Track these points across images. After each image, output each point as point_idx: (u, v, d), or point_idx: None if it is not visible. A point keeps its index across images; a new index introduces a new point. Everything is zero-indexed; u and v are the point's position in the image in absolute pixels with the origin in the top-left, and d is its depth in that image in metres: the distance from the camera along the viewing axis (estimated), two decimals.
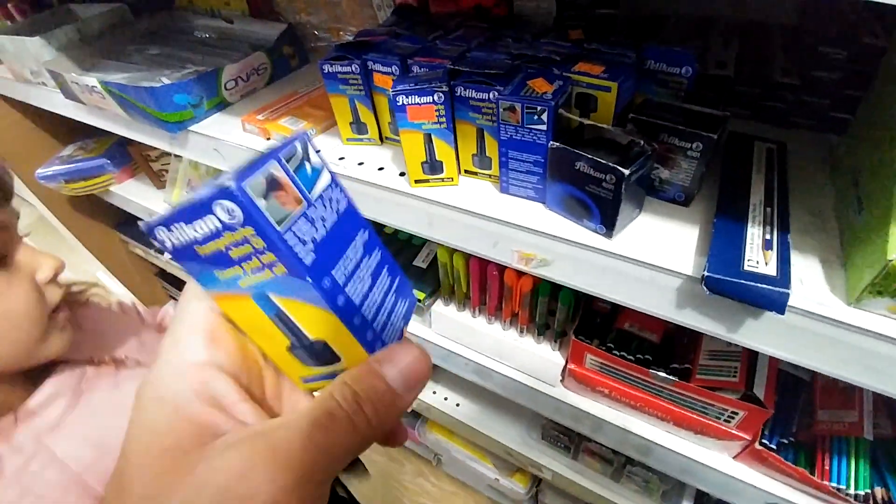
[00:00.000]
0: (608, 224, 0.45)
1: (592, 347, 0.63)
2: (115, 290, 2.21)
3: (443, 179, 0.55)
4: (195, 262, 0.19)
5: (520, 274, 0.67)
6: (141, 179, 1.27)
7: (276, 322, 0.20)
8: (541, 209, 0.51)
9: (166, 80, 0.74)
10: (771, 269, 0.40)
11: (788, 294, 0.38)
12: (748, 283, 0.39)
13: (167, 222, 0.18)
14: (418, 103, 0.48)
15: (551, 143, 0.45)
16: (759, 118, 0.60)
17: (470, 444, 1.24)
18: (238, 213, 0.17)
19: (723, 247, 0.42)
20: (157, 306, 0.87)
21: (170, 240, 0.19)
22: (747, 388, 0.57)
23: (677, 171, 0.48)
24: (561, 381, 0.73)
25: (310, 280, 0.18)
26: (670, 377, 0.60)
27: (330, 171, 0.21)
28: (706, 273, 0.40)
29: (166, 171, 1.19)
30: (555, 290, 0.65)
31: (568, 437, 0.91)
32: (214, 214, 0.17)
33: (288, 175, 0.18)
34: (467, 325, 0.77)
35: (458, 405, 1.09)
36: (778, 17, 0.62)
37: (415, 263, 0.82)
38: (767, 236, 0.42)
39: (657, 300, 0.46)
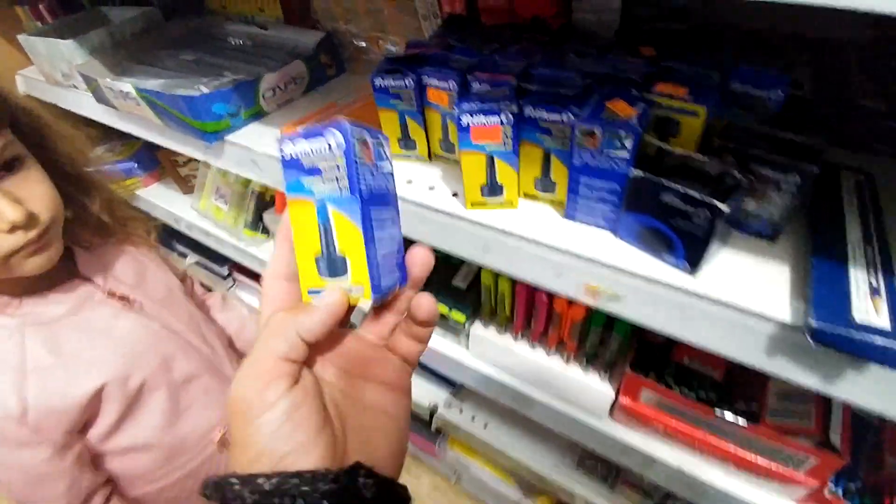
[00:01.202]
0: (693, 260, 0.42)
1: (650, 382, 0.60)
2: None
3: (501, 203, 0.51)
4: (295, 168, 0.26)
5: (571, 301, 0.63)
6: (167, 184, 1.26)
7: (321, 230, 0.27)
8: (611, 239, 0.47)
9: (204, 89, 0.71)
10: (884, 321, 0.36)
11: None
12: (862, 336, 0.35)
13: (293, 137, 0.26)
14: (484, 124, 0.45)
15: (633, 171, 0.41)
16: (837, 143, 0.56)
17: (492, 463, 1.20)
18: (342, 142, 0.25)
19: (826, 292, 0.38)
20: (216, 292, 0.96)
21: (289, 150, 0.26)
22: (823, 435, 0.53)
23: (767, 205, 0.44)
24: (609, 413, 0.69)
25: (358, 198, 0.26)
26: (739, 420, 0.56)
27: (391, 165, 0.30)
28: (814, 323, 0.36)
29: (193, 176, 1.17)
30: (609, 319, 0.61)
31: (606, 467, 0.87)
32: (325, 138, 0.25)
33: (372, 144, 0.27)
34: (508, 350, 0.73)
35: (486, 426, 1.05)
36: (855, 35, 0.58)
37: (454, 283, 0.79)
38: (873, 281, 0.38)
39: (744, 347, 0.42)
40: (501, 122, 0.45)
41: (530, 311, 0.68)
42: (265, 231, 1.02)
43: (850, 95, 0.54)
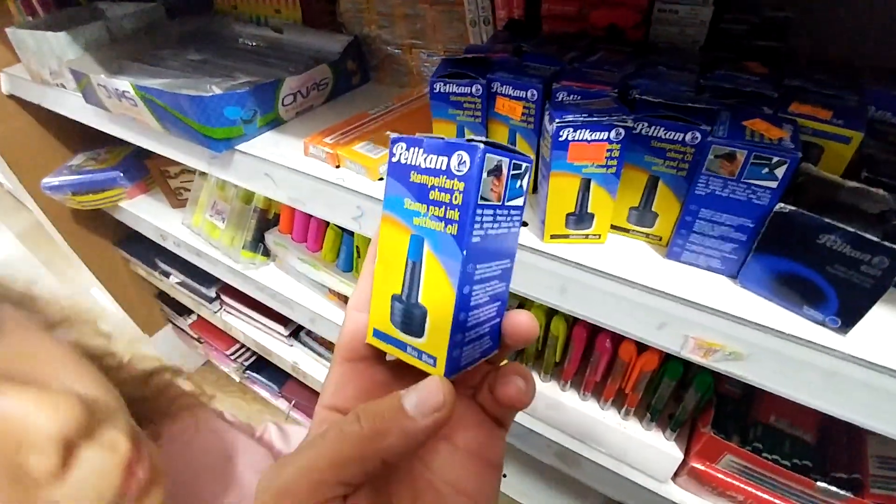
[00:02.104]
0: (848, 318, 0.34)
1: (735, 447, 0.51)
2: (108, 309, 2.04)
3: (587, 236, 0.43)
4: (400, 182, 0.21)
5: (641, 348, 0.55)
6: (155, 196, 1.14)
7: (408, 267, 0.22)
8: (729, 285, 0.39)
9: (216, 90, 0.62)
10: None
11: None
12: None
13: (411, 142, 0.21)
14: (587, 140, 0.37)
15: (781, 205, 0.33)
16: None
17: None
18: (466, 168, 0.19)
19: None
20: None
21: (401, 155, 0.21)
22: None
23: None
24: (672, 476, 0.60)
25: (464, 253, 0.20)
26: (841, 492, 0.48)
27: (524, 200, 0.23)
28: None
29: (185, 189, 1.06)
30: (686, 373, 0.53)
31: None
32: (449, 157, 0.20)
33: (507, 175, 0.21)
34: (553, 400, 0.65)
35: (504, 475, 0.95)
36: None
37: None
38: None
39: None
40: (609, 139, 0.37)
41: (587, 356, 0.59)
42: (266, 253, 0.92)
43: None
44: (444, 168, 0.20)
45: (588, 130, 0.36)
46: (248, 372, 1.47)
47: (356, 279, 0.78)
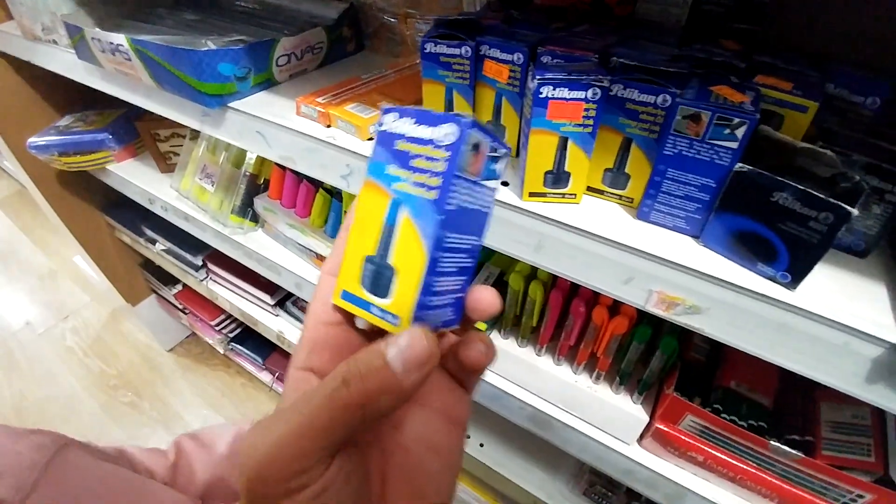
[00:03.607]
0: (798, 272, 0.37)
1: (696, 408, 0.54)
2: (92, 278, 2.02)
3: (563, 195, 0.45)
4: (386, 149, 0.22)
5: (612, 312, 0.57)
6: (144, 160, 1.14)
7: (384, 230, 0.23)
8: (692, 244, 0.42)
9: (212, 45, 0.63)
10: None
11: None
12: None
13: (402, 113, 0.22)
14: (565, 98, 0.39)
15: (739, 164, 0.36)
16: None
17: (480, 487, 1.13)
18: (451, 139, 0.21)
19: None
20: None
21: (390, 124, 0.22)
22: (885, 471, 0.49)
23: (864, 217, 0.40)
24: (638, 439, 0.63)
25: (440, 218, 0.21)
26: (793, 452, 0.51)
27: (499, 183, 0.25)
28: None
29: (174, 153, 1.06)
30: (654, 335, 0.56)
31: (615, 495, 0.82)
32: (437, 128, 0.21)
33: (485, 155, 0.23)
34: (530, 364, 0.67)
35: (481, 445, 0.97)
36: None
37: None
38: None
39: (843, 371, 0.37)
40: (586, 98, 0.39)
41: (562, 321, 0.62)
42: (254, 219, 0.93)
43: None
44: (430, 138, 0.21)
45: (567, 89, 0.38)
46: (232, 344, 1.49)
47: None
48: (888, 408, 0.37)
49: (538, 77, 0.38)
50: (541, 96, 0.39)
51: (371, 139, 0.57)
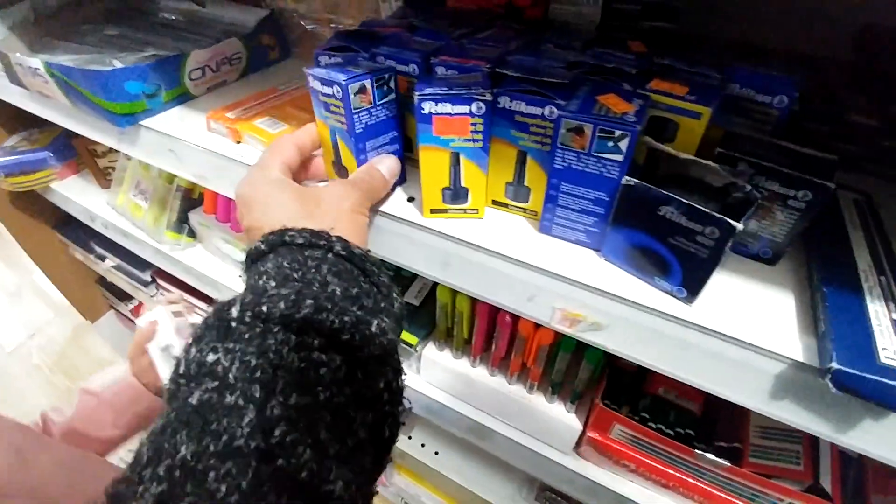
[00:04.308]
0: (692, 287, 0.35)
1: (623, 418, 0.53)
2: (52, 296, 1.97)
3: (465, 211, 0.43)
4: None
5: (537, 324, 0.56)
6: (85, 177, 1.10)
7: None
8: (594, 258, 0.40)
9: (118, 64, 0.60)
10: None
11: None
12: (891, 382, 0.29)
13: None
14: (450, 114, 0.37)
15: (626, 178, 0.34)
16: None
17: (443, 491, 1.12)
18: (340, 94, 0.38)
19: (845, 328, 0.32)
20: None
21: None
22: (814, 480, 0.48)
23: (769, 223, 0.38)
24: (575, 448, 0.62)
25: (352, 138, 0.41)
26: (719, 460, 0.50)
27: (396, 96, 0.42)
28: (835, 365, 0.30)
29: (113, 168, 1.02)
30: (580, 345, 0.55)
31: (567, 501, 0.81)
32: (332, 87, 0.39)
33: (372, 89, 0.39)
34: (464, 376, 0.65)
35: (436, 453, 0.96)
36: (838, 52, 0.55)
37: (406, 299, 0.70)
38: (895, 315, 0.33)
39: (746, 387, 0.36)
40: (471, 113, 0.37)
41: (492, 333, 0.60)
42: (191, 234, 0.90)
43: (839, 111, 0.51)
44: (332, 93, 0.39)
45: (450, 104, 0.36)
46: None
47: None
48: (795, 423, 0.36)
49: (418, 92, 0.36)
50: (423, 112, 0.37)
51: None
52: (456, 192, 0.42)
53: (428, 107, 0.36)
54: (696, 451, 0.50)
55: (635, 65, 0.41)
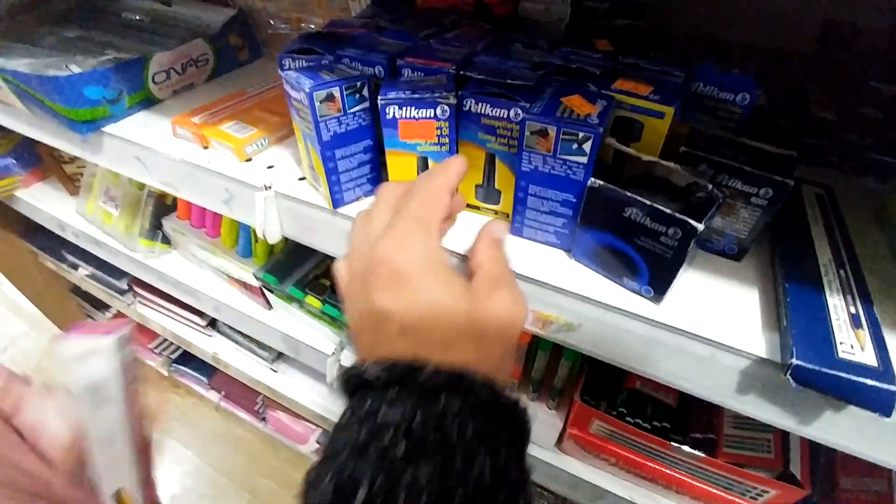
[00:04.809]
0: (659, 287, 0.36)
1: (601, 413, 0.54)
2: (24, 308, 1.91)
3: None
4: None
5: None
6: (52, 183, 1.06)
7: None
8: (564, 259, 0.40)
9: (76, 69, 0.58)
10: (870, 357, 0.31)
11: None
12: (849, 376, 0.30)
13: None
14: (415, 118, 0.37)
15: (592, 180, 0.34)
16: None
17: None
18: (307, 101, 0.37)
19: (805, 323, 0.33)
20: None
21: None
22: (784, 467, 0.49)
23: (733, 220, 0.39)
24: (557, 443, 0.63)
25: (319, 147, 0.40)
26: (694, 452, 0.51)
27: (369, 103, 0.40)
28: (795, 361, 0.31)
29: (82, 174, 0.99)
30: (558, 344, 0.55)
31: (550, 493, 0.82)
32: (299, 92, 0.38)
33: (342, 97, 0.38)
34: None
35: None
36: (805, 45, 0.56)
37: None
38: (852, 309, 0.34)
39: (714, 383, 0.37)
40: (436, 117, 0.37)
41: None
42: (166, 241, 0.88)
43: (803, 106, 0.52)
44: (300, 98, 0.37)
45: (414, 108, 0.36)
46: (175, 365, 1.43)
47: (255, 265, 0.76)
48: (762, 417, 0.37)
49: (381, 97, 0.36)
50: (388, 117, 0.36)
51: (249, 160, 0.53)
52: None
53: (392, 111, 0.36)
54: (673, 444, 0.51)
55: (601, 64, 0.41)
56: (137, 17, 0.80)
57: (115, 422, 0.32)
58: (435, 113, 0.36)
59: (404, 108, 0.36)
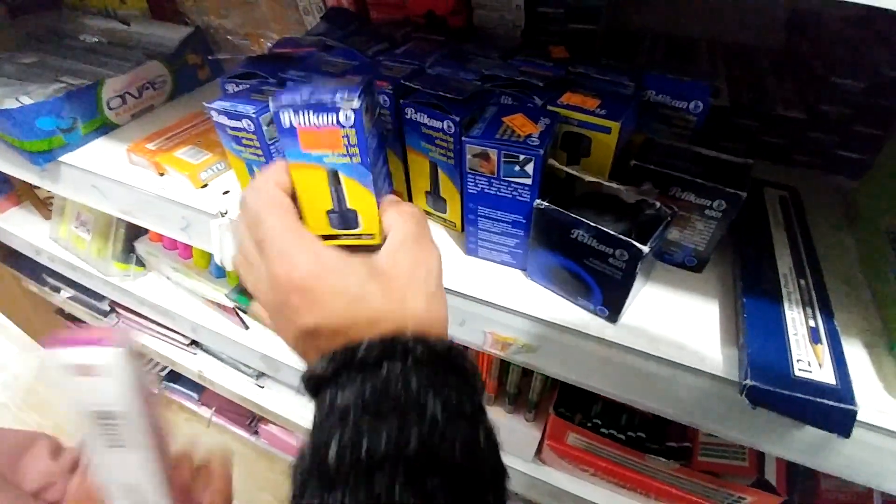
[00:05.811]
0: (613, 306, 0.35)
1: (575, 427, 0.53)
2: (11, 330, 1.90)
3: (360, 236, 0.40)
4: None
5: None
6: (26, 208, 1.05)
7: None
8: (521, 279, 0.40)
9: (27, 100, 0.57)
10: (828, 375, 0.30)
11: (855, 412, 0.28)
12: (804, 396, 0.29)
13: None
14: (316, 125, 0.33)
15: (537, 202, 0.33)
16: (756, 154, 0.52)
17: None
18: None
19: (761, 340, 0.32)
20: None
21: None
22: (759, 474, 0.48)
23: (690, 233, 0.38)
24: (536, 454, 0.62)
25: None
26: (669, 462, 0.50)
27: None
28: (748, 382, 0.30)
29: (53, 199, 0.98)
30: None
31: None
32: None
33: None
34: None
35: None
36: (770, 41, 0.55)
37: None
38: (811, 322, 0.33)
39: (674, 402, 0.36)
40: (339, 124, 0.33)
41: None
42: (140, 263, 0.87)
43: (770, 104, 0.51)
44: (243, 126, 0.36)
45: (313, 113, 0.32)
46: (164, 383, 1.42)
47: (229, 285, 0.75)
48: (725, 435, 0.36)
49: (273, 102, 0.31)
50: (285, 126, 0.32)
51: (205, 186, 0.52)
52: (343, 216, 0.37)
53: (287, 118, 0.32)
54: (648, 454, 0.50)
55: (551, 74, 0.40)
56: (95, 40, 0.78)
57: (137, 467, 0.30)
58: (337, 119, 0.33)
59: (301, 115, 0.32)
